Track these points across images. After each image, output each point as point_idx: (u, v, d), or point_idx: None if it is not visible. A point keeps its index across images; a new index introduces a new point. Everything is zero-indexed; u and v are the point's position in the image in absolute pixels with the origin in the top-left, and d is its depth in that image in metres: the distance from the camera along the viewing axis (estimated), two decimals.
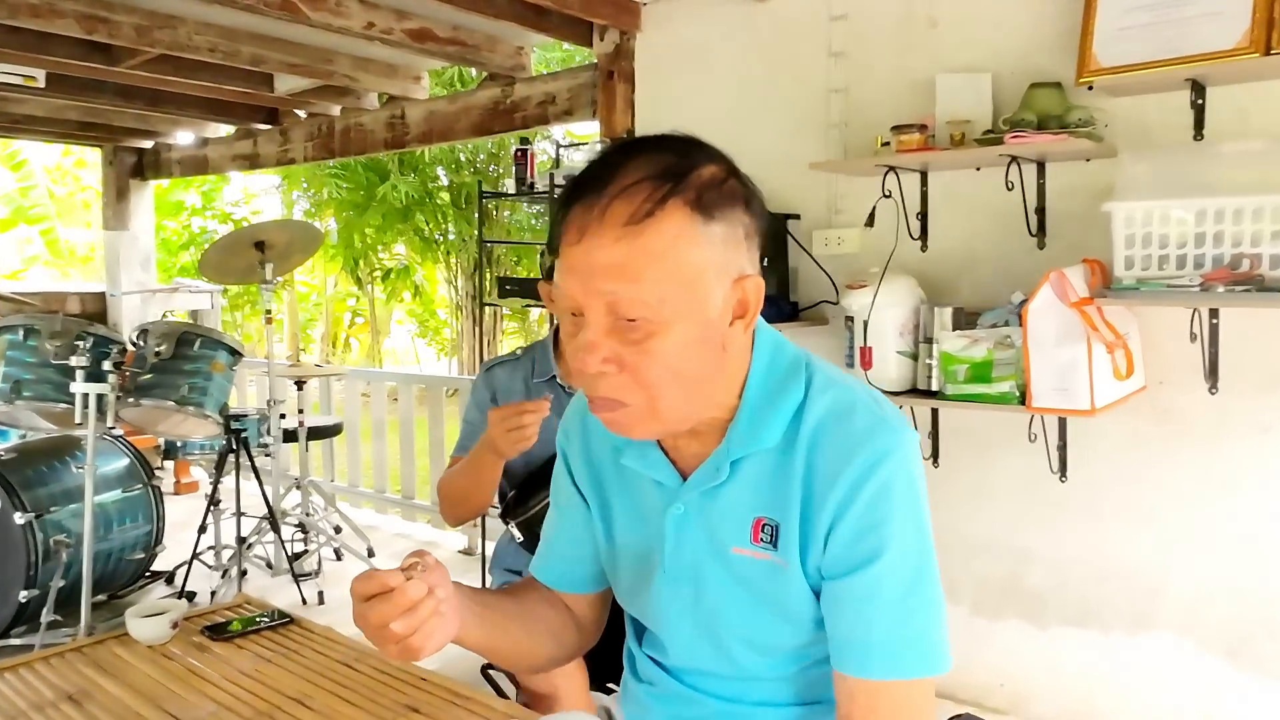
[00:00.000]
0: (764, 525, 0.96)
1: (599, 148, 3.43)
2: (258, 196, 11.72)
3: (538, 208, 9.62)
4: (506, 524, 1.90)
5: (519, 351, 1.97)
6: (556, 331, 1.91)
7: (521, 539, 1.91)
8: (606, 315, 0.87)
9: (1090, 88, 2.33)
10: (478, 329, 10.52)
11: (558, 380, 1.89)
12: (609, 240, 0.85)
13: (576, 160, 3.36)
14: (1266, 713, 2.25)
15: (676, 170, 0.87)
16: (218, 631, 1.80)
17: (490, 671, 1.89)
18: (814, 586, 0.96)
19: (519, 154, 3.33)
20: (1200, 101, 2.22)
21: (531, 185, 3.31)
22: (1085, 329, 2.09)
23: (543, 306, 3.32)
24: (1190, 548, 2.35)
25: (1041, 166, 2.47)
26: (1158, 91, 2.27)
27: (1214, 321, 2.24)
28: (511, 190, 3.45)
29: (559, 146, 3.56)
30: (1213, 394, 2.28)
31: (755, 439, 0.96)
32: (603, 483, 1.11)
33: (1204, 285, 1.96)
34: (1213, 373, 2.26)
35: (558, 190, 3.16)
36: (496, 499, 2.00)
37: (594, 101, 3.62)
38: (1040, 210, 2.49)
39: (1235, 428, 2.26)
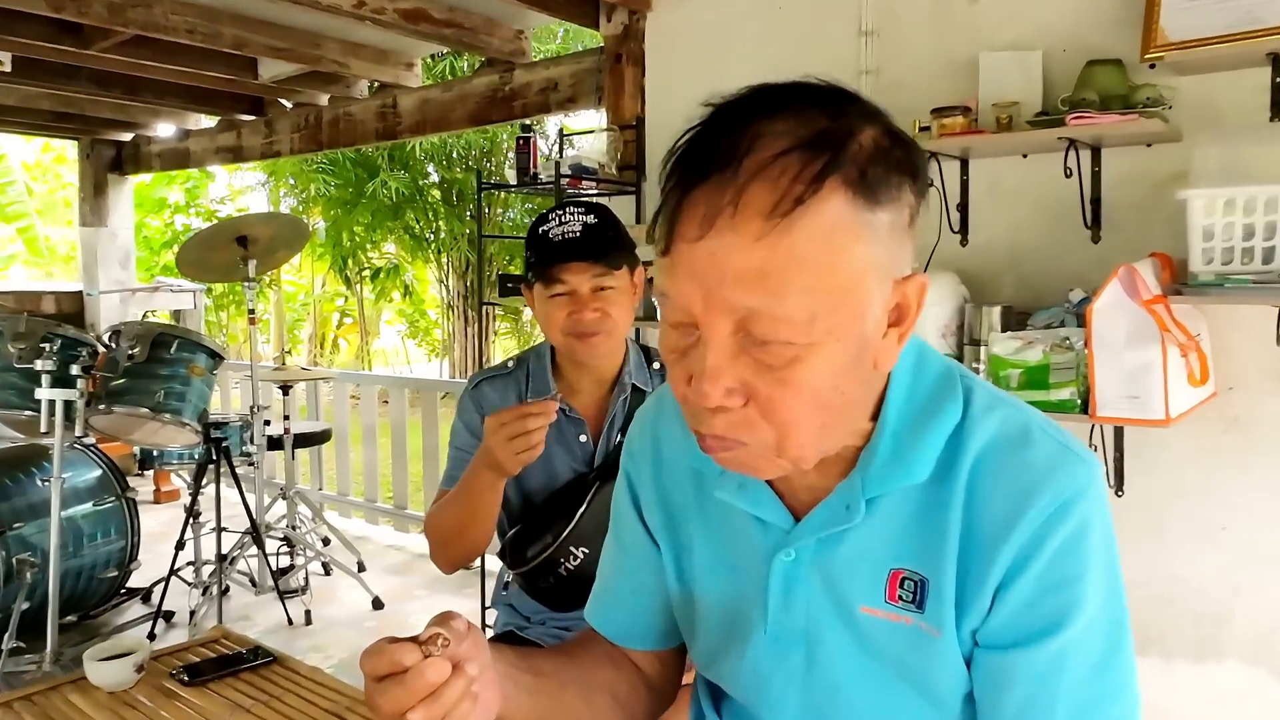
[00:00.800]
0: (904, 580, 0.76)
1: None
2: (243, 194, 11.43)
3: (532, 204, 9.42)
4: (506, 569, 1.67)
5: (510, 364, 1.69)
6: (552, 351, 1.65)
7: (511, 591, 1.68)
8: (735, 334, 0.66)
9: (1152, 66, 2.14)
10: (470, 329, 10.29)
11: (558, 400, 1.64)
12: (747, 239, 0.63)
13: (583, 149, 3.14)
14: None
15: (832, 136, 0.64)
16: (191, 674, 1.57)
17: None
18: (966, 656, 0.75)
19: (521, 142, 3.10)
20: (1277, 81, 2.02)
21: (534, 176, 3.08)
22: (1158, 330, 1.89)
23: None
24: (1261, 568, 2.14)
25: (1097, 153, 2.26)
26: (1232, 69, 2.07)
27: None
28: (512, 182, 3.22)
29: (563, 135, 3.33)
30: None
31: (899, 472, 0.74)
32: (678, 517, 0.90)
33: None
34: None
35: (564, 180, 2.94)
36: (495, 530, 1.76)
37: (599, 88, 3.40)
38: (1095, 200, 2.28)
39: None
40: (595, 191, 3.14)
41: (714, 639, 0.87)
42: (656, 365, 1.68)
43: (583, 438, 1.61)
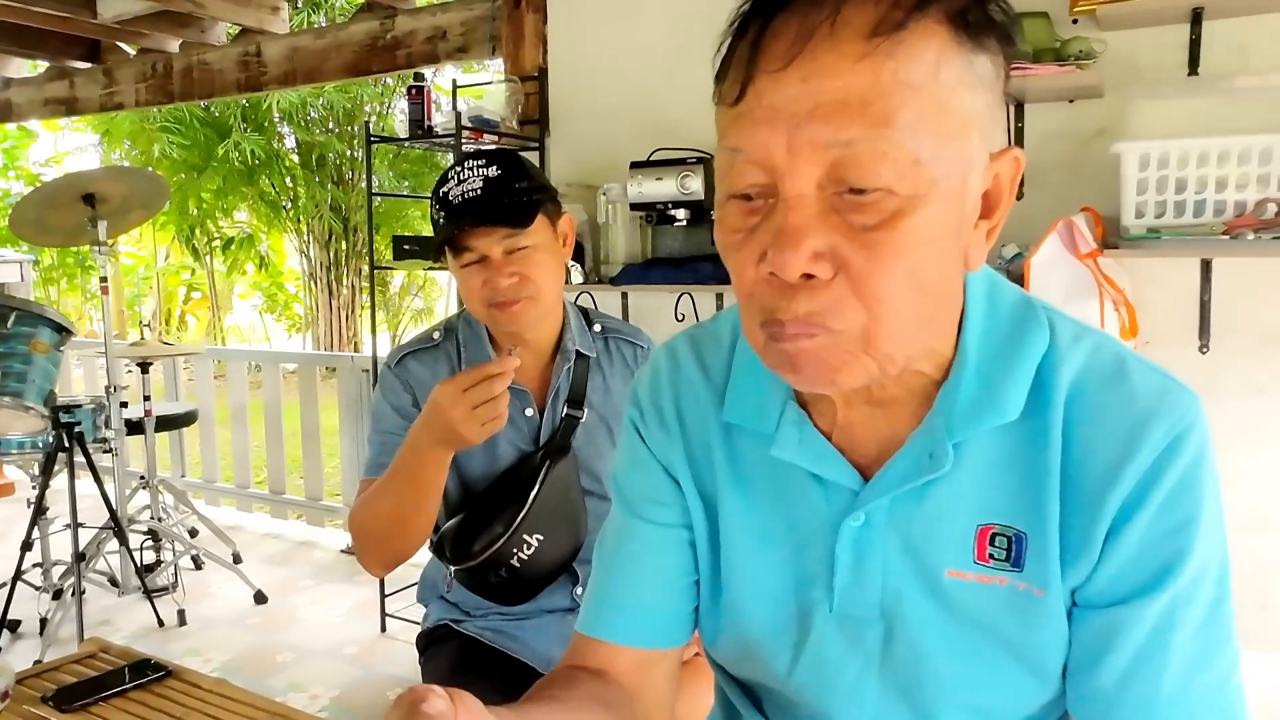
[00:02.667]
0: (994, 536, 0.66)
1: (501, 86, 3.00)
2: (71, 155, 10.39)
3: (399, 169, 8.98)
4: (443, 564, 1.49)
5: (436, 334, 1.50)
6: (490, 336, 1.46)
7: (451, 591, 1.50)
8: (825, 185, 0.56)
9: (1075, 20, 2.14)
10: (335, 302, 9.76)
11: (517, 355, 1.48)
12: (847, 60, 0.55)
13: (481, 102, 2.92)
14: (1256, 685, 2.14)
15: None
16: (66, 698, 1.32)
17: None
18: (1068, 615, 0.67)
19: (413, 92, 2.85)
20: (1197, 36, 2.05)
21: (429, 129, 2.84)
22: (1095, 284, 1.89)
23: (444, 269, 2.88)
24: None
25: (1020, 109, 2.26)
26: (1155, 25, 2.09)
27: (1208, 274, 2.10)
28: (402, 135, 2.97)
29: (456, 87, 3.10)
30: (1204, 353, 2.14)
31: (989, 409, 0.65)
32: (708, 484, 0.76)
33: (1230, 233, 1.78)
34: (1204, 330, 2.12)
35: (465, 134, 2.72)
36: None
37: (494, 36, 3.18)
38: None
39: (1227, 388, 2.13)
40: (495, 147, 2.93)
41: (758, 628, 0.74)
42: (598, 327, 1.53)
43: (529, 411, 1.45)
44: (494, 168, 1.36)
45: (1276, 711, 2.15)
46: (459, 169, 1.38)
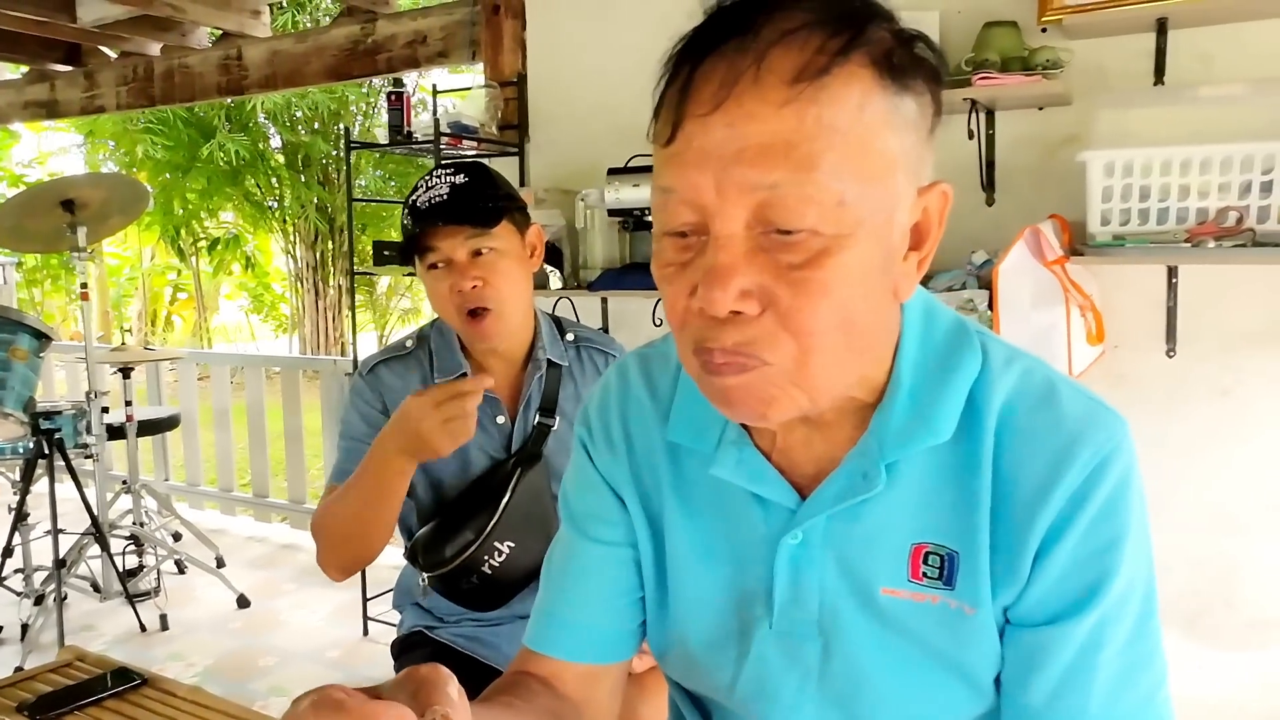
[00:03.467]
0: (928, 554, 0.68)
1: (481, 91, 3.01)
2: (54, 155, 10.34)
3: (384, 170, 8.97)
4: (417, 571, 1.51)
5: (409, 343, 1.51)
6: (458, 342, 1.48)
7: (426, 596, 1.51)
8: (753, 225, 0.58)
9: (1044, 29, 2.16)
10: (321, 303, 9.74)
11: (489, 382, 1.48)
12: (770, 105, 0.56)
13: (461, 108, 2.94)
14: (1223, 683, 2.19)
15: (852, 17, 0.59)
16: (42, 708, 1.34)
17: None
18: (1000, 633, 0.69)
19: (393, 98, 2.86)
20: (1162, 45, 2.09)
21: (409, 134, 2.85)
22: (1061, 290, 1.92)
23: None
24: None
25: (991, 116, 2.28)
26: (1120, 34, 2.11)
27: (1174, 281, 2.13)
28: (382, 140, 2.98)
29: (436, 92, 3.11)
30: (1170, 357, 2.17)
31: (921, 431, 0.67)
32: (653, 501, 0.78)
33: (1193, 240, 1.81)
34: (1171, 335, 2.16)
35: (444, 139, 2.73)
36: (399, 526, 1.56)
37: (474, 41, 3.19)
38: (990, 163, 2.31)
39: (1193, 392, 2.17)
40: (475, 152, 2.95)
41: (701, 642, 0.76)
42: (570, 336, 1.55)
43: (500, 419, 1.47)
44: (461, 176, 1.39)
45: (1246, 708, 2.19)
46: (429, 177, 1.41)
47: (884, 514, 0.69)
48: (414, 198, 1.40)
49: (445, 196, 1.36)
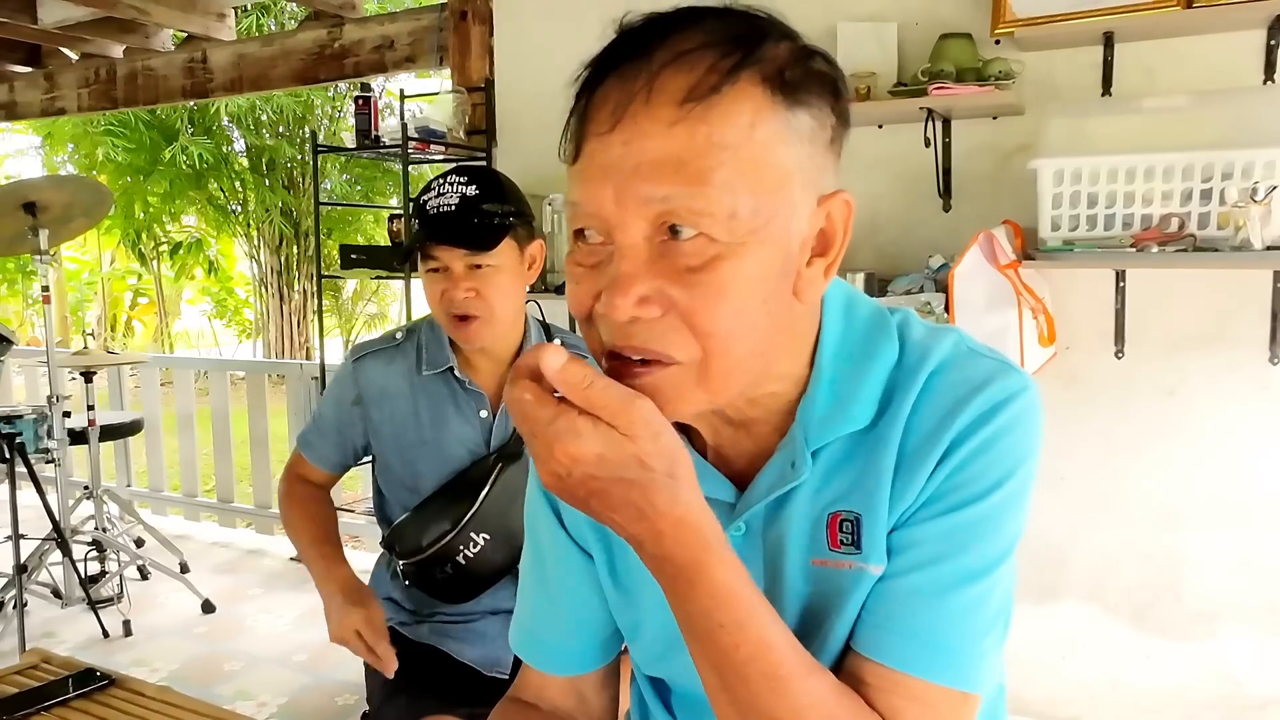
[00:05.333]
0: (842, 522, 0.72)
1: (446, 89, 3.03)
2: (10, 157, 10.15)
3: (351, 174, 8.92)
4: (392, 557, 1.54)
5: (399, 335, 1.59)
6: (443, 330, 1.54)
7: (408, 584, 1.56)
8: (651, 235, 0.61)
9: (998, 42, 2.24)
10: (285, 308, 9.65)
11: (455, 374, 1.53)
12: (661, 124, 0.59)
13: (428, 113, 2.96)
14: (1171, 672, 2.27)
15: (746, 38, 0.62)
16: (9, 708, 1.34)
17: None
18: None
19: (360, 102, 2.88)
20: (1110, 58, 2.17)
21: (376, 139, 2.87)
22: (1014, 293, 1.99)
23: (397, 276, 2.90)
24: (1097, 514, 2.33)
25: (948, 124, 2.35)
26: (1070, 46, 2.20)
27: (1121, 284, 2.21)
28: (349, 144, 2.99)
29: (404, 97, 3.13)
30: (1119, 358, 2.25)
31: (840, 419, 0.71)
32: None
33: (1138, 246, 1.89)
34: (1119, 337, 2.23)
35: (412, 143, 2.75)
36: (377, 516, 1.63)
37: (441, 47, 3.21)
38: (946, 171, 2.38)
39: (1141, 392, 2.25)
40: (442, 158, 2.97)
41: (663, 634, 0.80)
42: (558, 341, 1.59)
43: (483, 412, 1.54)
44: (473, 187, 1.43)
45: (1193, 695, 2.27)
46: (442, 181, 1.46)
47: (810, 493, 0.73)
48: (425, 199, 1.45)
49: (453, 207, 1.41)
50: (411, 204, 1.48)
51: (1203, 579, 2.24)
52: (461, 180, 1.44)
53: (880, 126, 2.44)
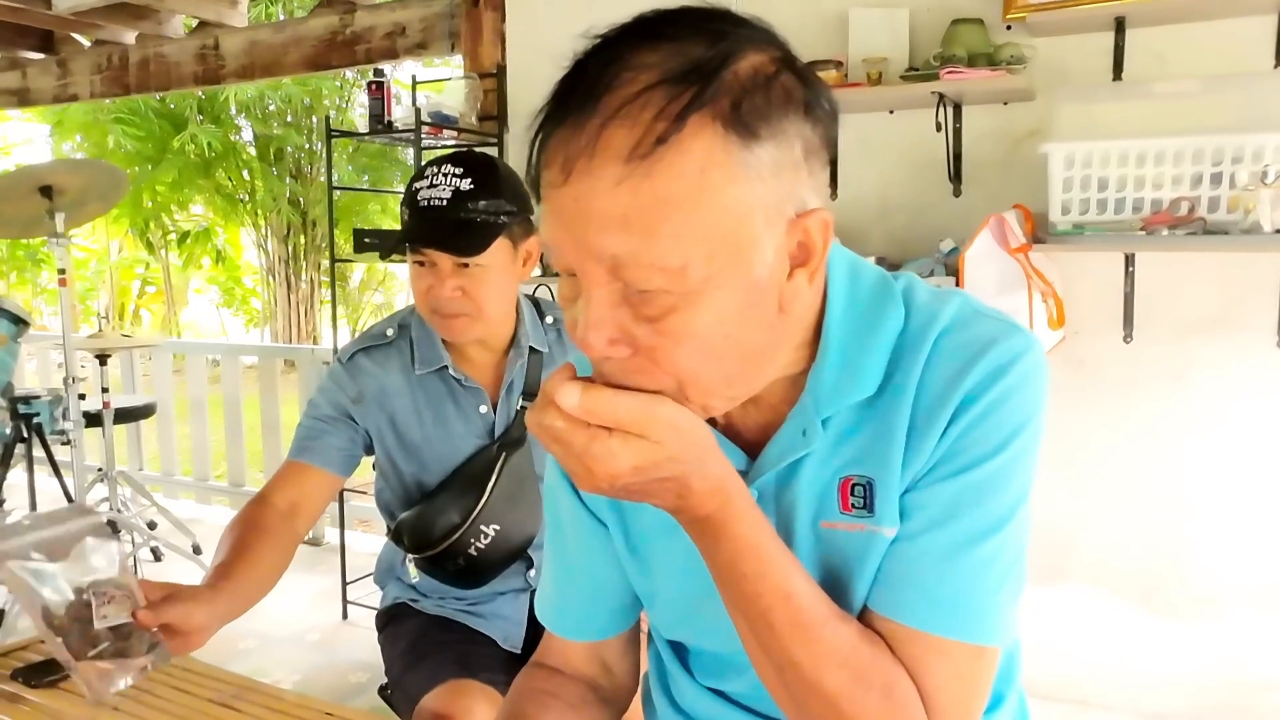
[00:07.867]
0: (854, 486, 0.73)
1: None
2: (20, 146, 10.19)
3: (358, 163, 8.94)
4: (402, 552, 1.54)
5: (390, 331, 1.50)
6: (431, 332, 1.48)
7: (417, 579, 1.54)
8: (612, 281, 0.61)
9: (1009, 27, 2.25)
10: (293, 296, 9.69)
11: (450, 372, 1.47)
12: (606, 183, 0.58)
13: (441, 98, 2.97)
14: (1178, 655, 2.29)
15: (703, 67, 0.59)
16: (34, 674, 1.37)
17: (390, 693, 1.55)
18: None
19: (373, 87, 2.89)
20: (1121, 43, 2.18)
21: (389, 124, 2.88)
22: (1024, 277, 2.00)
23: (402, 261, 2.91)
24: (1104, 497, 2.34)
25: (959, 110, 2.36)
26: (1081, 31, 2.20)
27: (1130, 268, 2.22)
28: (362, 129, 3.01)
29: (416, 83, 3.14)
30: (1127, 343, 2.26)
31: (850, 386, 0.72)
32: None
33: (1148, 229, 1.90)
34: (1128, 321, 2.25)
35: (425, 129, 2.77)
36: (380, 508, 1.57)
37: (454, 33, 3.23)
38: (957, 155, 2.39)
39: (1149, 376, 2.26)
40: (455, 143, 2.99)
41: (680, 598, 0.83)
42: (550, 319, 1.56)
43: (483, 408, 1.48)
44: (468, 180, 1.35)
45: (1200, 677, 2.29)
46: (435, 168, 1.38)
47: (821, 459, 0.74)
48: (416, 186, 1.38)
49: (444, 202, 1.34)
50: (405, 189, 1.42)
51: (1210, 562, 2.26)
52: (456, 171, 1.36)
53: (891, 112, 2.45)
